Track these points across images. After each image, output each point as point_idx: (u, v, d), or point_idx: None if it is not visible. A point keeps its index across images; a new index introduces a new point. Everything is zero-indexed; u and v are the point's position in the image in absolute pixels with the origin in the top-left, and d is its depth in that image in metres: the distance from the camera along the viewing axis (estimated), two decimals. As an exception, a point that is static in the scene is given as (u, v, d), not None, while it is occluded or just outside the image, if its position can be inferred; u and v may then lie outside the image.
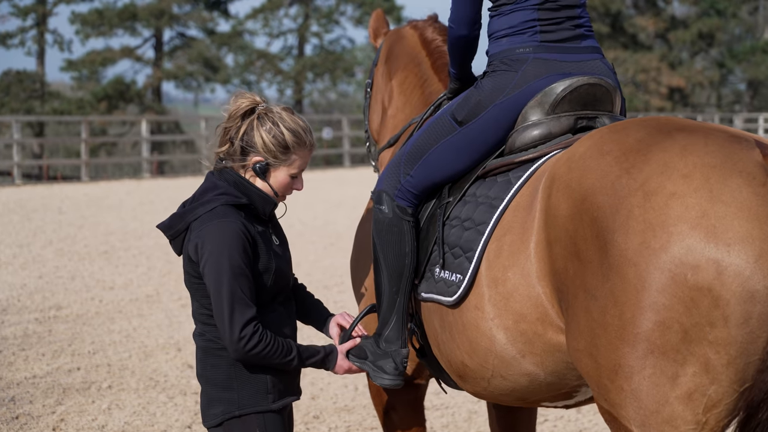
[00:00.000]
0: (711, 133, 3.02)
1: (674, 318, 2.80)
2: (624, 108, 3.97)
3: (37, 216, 18.79)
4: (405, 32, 5.09)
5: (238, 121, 3.70)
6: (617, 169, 3.02)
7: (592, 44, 3.89)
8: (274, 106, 3.76)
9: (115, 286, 11.90)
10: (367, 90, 5.24)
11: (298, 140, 3.72)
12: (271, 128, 3.67)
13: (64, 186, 26.90)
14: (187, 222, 3.65)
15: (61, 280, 12.16)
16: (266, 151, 3.68)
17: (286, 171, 3.74)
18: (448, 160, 3.94)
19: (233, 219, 3.59)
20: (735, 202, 2.80)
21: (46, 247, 14.80)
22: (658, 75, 52.24)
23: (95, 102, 45.06)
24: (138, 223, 17.84)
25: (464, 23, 3.96)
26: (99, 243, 15.36)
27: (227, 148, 3.72)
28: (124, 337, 9.37)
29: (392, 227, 4.00)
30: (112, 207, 20.80)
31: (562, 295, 3.18)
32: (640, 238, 2.86)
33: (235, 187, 3.67)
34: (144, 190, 25.47)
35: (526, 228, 3.42)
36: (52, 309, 10.52)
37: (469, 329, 3.60)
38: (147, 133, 32.15)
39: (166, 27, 47.96)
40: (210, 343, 3.68)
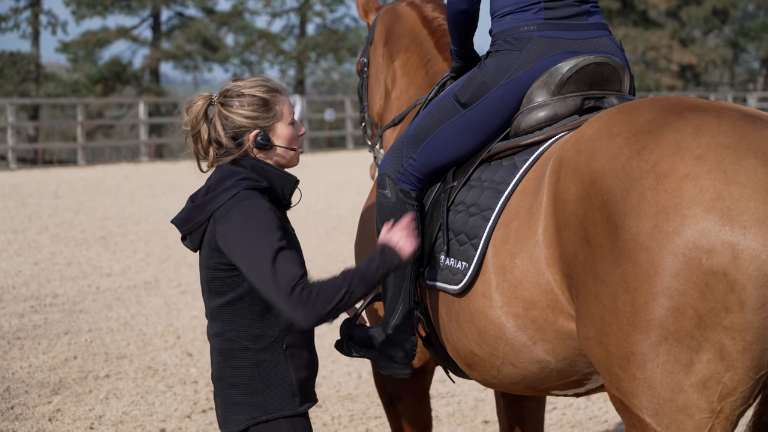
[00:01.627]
0: (724, 113, 3.01)
1: (688, 303, 2.78)
2: (633, 87, 3.94)
3: (32, 201, 18.80)
4: (402, 10, 5.05)
5: (203, 123, 3.65)
6: (628, 151, 3.00)
7: (599, 21, 3.86)
8: (226, 86, 3.71)
9: (113, 272, 11.90)
10: (363, 69, 5.20)
11: (269, 90, 3.67)
12: (240, 101, 3.63)
13: (60, 170, 26.92)
14: (209, 212, 3.54)
15: (57, 267, 12.16)
16: (254, 120, 3.63)
17: (282, 124, 3.68)
18: (452, 143, 3.92)
19: (260, 200, 3.52)
20: (750, 183, 2.78)
21: (41, 233, 14.80)
22: (669, 53, 52.09)
23: (91, 84, 45.01)
24: (136, 207, 17.84)
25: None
26: (96, 228, 15.35)
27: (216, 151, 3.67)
28: (121, 324, 9.38)
29: (396, 212, 3.98)
30: (109, 191, 20.80)
31: (572, 281, 3.17)
32: (652, 222, 2.84)
33: (253, 171, 3.63)
34: (142, 173, 25.48)
35: (533, 213, 3.40)
36: (48, 296, 10.53)
37: (477, 317, 3.59)
38: (145, 116, 32.13)
39: (163, 6, 47.86)
40: (231, 344, 3.57)
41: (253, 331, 3.54)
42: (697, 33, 58.01)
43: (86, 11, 46.62)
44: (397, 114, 4.80)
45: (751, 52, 58.79)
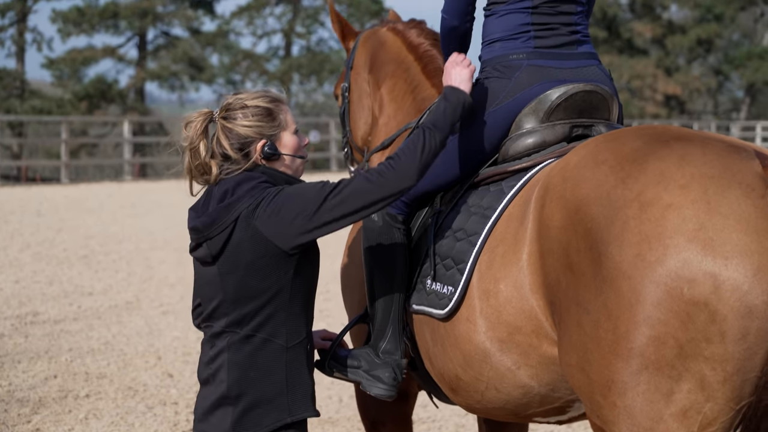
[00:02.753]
0: (709, 143, 3.03)
1: (669, 333, 2.80)
2: (621, 116, 3.97)
3: (14, 218, 18.73)
4: (385, 36, 5.06)
5: (202, 140, 3.66)
6: (612, 179, 3.02)
7: (589, 50, 3.89)
8: (223, 102, 3.73)
9: (94, 291, 11.86)
10: (345, 94, 5.21)
11: (272, 100, 3.71)
12: (244, 113, 3.65)
13: (44, 188, 26.84)
14: (237, 212, 3.52)
15: (39, 285, 12.11)
16: (259, 132, 3.66)
17: (287, 133, 3.72)
18: (440, 168, 3.93)
19: None
20: (733, 214, 2.80)
21: (23, 251, 14.75)
22: (654, 81, 52.34)
23: (76, 101, 44.93)
24: (119, 226, 17.79)
25: (456, 14, 3.94)
26: (78, 247, 15.31)
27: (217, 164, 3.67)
28: (102, 344, 9.34)
29: (382, 235, 4.00)
30: (92, 210, 20.74)
31: (555, 308, 3.18)
32: (635, 251, 2.86)
33: (267, 176, 3.64)
34: (125, 192, 25.42)
35: (518, 239, 3.41)
36: (29, 315, 10.48)
37: (462, 342, 3.60)
38: (129, 135, 32.10)
39: (149, 26, 47.88)
40: (262, 344, 3.54)
41: (289, 328, 3.56)
42: (681, 61, 58.30)
43: (72, 29, 46.60)
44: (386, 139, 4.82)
45: (735, 81, 59.11)
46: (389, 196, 3.51)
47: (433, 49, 4.90)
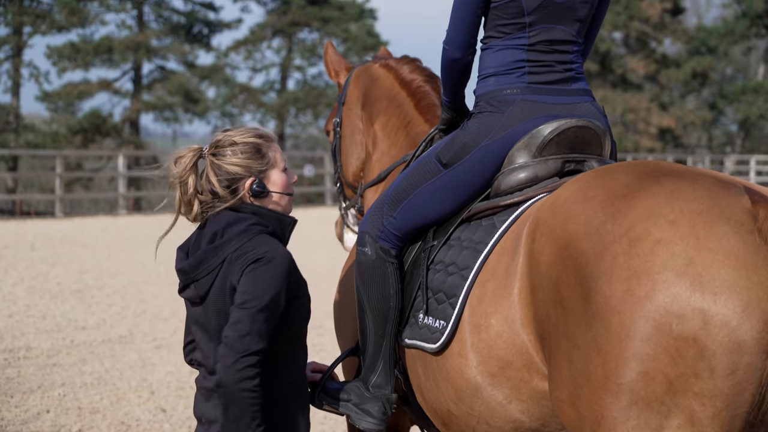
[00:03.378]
0: (699, 179, 3.04)
1: (659, 368, 2.80)
2: (615, 152, 3.98)
3: (8, 252, 18.70)
4: (377, 72, 5.09)
5: (191, 174, 3.67)
6: (602, 215, 3.03)
7: (583, 87, 3.91)
8: (213, 138, 3.75)
9: (88, 326, 11.83)
10: (336, 129, 5.23)
11: (261, 137, 3.73)
12: (233, 150, 3.67)
13: (38, 222, 26.81)
14: (223, 255, 3.55)
15: (32, 320, 12.08)
16: (248, 168, 3.67)
17: (276, 171, 3.73)
18: (433, 202, 3.95)
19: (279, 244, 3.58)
20: (722, 249, 2.81)
21: (17, 285, 14.71)
22: (648, 115, 52.52)
23: (71, 135, 44.97)
24: (113, 261, 17.77)
25: (458, 46, 3.95)
26: (72, 281, 15.28)
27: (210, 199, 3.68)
28: (95, 379, 9.31)
29: (375, 269, 4.01)
30: (86, 244, 20.72)
31: (546, 342, 3.19)
32: (624, 286, 2.87)
33: (256, 216, 3.64)
34: (120, 226, 25.40)
35: (510, 273, 3.42)
36: (22, 349, 10.45)
37: (453, 377, 3.60)
38: (124, 168, 32.11)
39: (144, 60, 48.02)
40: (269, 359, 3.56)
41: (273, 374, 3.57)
42: (675, 95, 58.52)
43: (68, 64, 46.70)
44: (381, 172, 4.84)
45: (729, 115, 59.29)
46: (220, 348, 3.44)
47: (425, 85, 4.93)
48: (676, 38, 56.51)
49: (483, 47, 3.97)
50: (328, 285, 14.88)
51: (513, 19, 3.82)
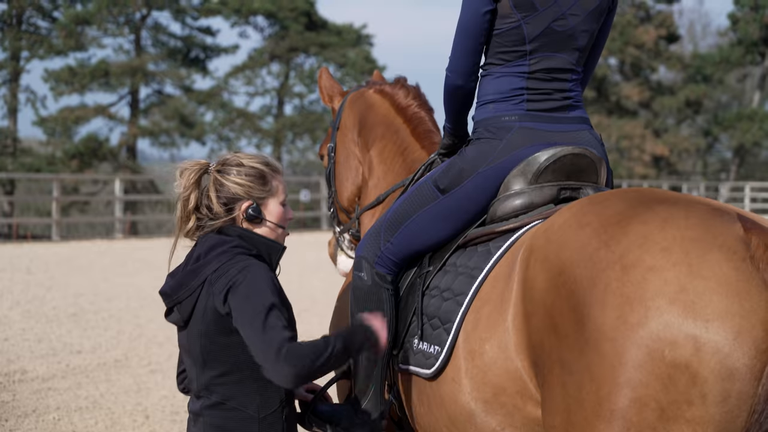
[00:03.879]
0: (692, 206, 3.05)
1: (651, 395, 2.80)
2: (611, 180, 3.99)
3: (4, 276, 18.67)
4: (373, 99, 5.11)
5: (194, 190, 3.69)
6: (596, 242, 3.05)
7: (581, 115, 3.92)
8: (222, 157, 3.76)
9: (83, 350, 11.81)
10: (331, 155, 5.24)
11: (269, 166, 3.74)
12: (239, 171, 3.69)
13: (34, 245, 26.77)
14: (203, 277, 3.55)
15: (28, 343, 12.05)
16: (248, 192, 3.68)
17: (275, 201, 3.74)
18: (429, 228, 3.96)
19: (257, 262, 3.56)
20: (714, 277, 2.82)
21: (13, 308, 14.69)
22: (642, 142, 52.60)
23: (67, 159, 44.98)
24: (109, 284, 17.75)
25: (461, 74, 3.96)
26: (68, 305, 15.26)
27: (200, 219, 3.70)
28: (90, 403, 9.29)
29: (371, 294, 4.01)
30: (82, 267, 20.69)
31: (539, 369, 3.19)
32: (617, 313, 2.87)
33: (242, 239, 3.65)
34: (116, 250, 25.37)
35: (504, 300, 3.43)
36: (17, 373, 10.42)
37: (447, 402, 3.60)
38: (120, 193, 32.10)
39: (141, 84, 48.09)
40: (234, 413, 3.55)
41: (260, 397, 3.55)
42: (670, 122, 58.64)
43: (65, 88, 46.75)
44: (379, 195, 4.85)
45: (724, 142, 59.40)
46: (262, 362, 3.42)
47: (421, 111, 4.95)
48: (670, 65, 56.69)
49: (483, 74, 3.98)
50: (323, 308, 14.86)
51: (514, 46, 3.84)
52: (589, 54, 4.04)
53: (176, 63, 49.40)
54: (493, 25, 3.86)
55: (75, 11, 46.73)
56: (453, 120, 4.18)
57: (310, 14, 50.94)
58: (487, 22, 3.85)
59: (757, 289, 2.81)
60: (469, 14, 3.87)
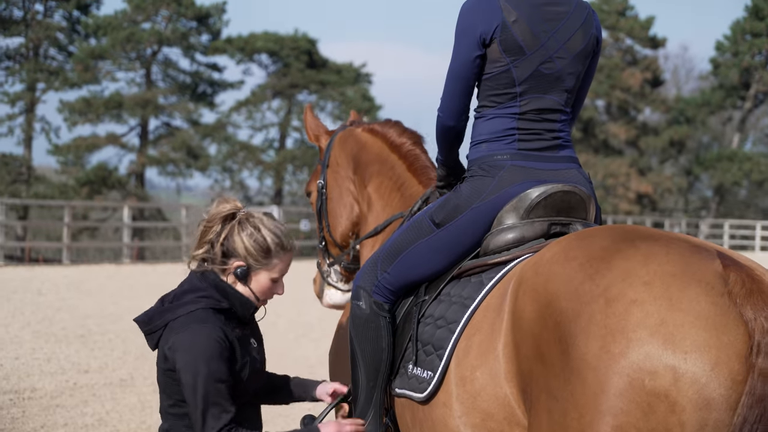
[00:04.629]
0: (673, 243, 3.07)
1: (631, 423, 2.80)
2: (599, 216, 4.00)
3: (16, 297, 18.63)
4: (364, 138, 5.14)
5: (218, 224, 3.70)
6: (581, 275, 3.06)
7: (570, 154, 3.94)
8: (255, 212, 3.78)
9: (90, 369, 11.79)
10: (322, 191, 5.26)
11: (280, 244, 3.73)
12: (252, 233, 3.69)
13: (45, 268, 26.72)
14: (165, 320, 3.62)
15: (37, 362, 12.03)
16: (247, 255, 3.69)
17: (267, 275, 3.74)
18: (425, 259, 3.97)
19: (212, 325, 3.56)
20: (693, 310, 2.83)
21: (23, 329, 14.66)
22: (627, 180, 52.71)
23: (79, 187, 45.03)
24: (116, 307, 17.71)
25: (451, 114, 3.98)
26: (76, 326, 15.23)
27: (206, 251, 3.73)
28: (96, 420, 9.27)
29: (369, 323, 4.02)
30: (91, 291, 20.65)
31: (527, 395, 3.20)
32: (600, 343, 2.88)
33: (216, 290, 3.66)
34: (123, 275, 25.33)
35: (495, 329, 3.44)
36: (27, 390, 10.40)
37: (438, 426, 3.61)
38: (128, 219, 32.09)
39: (151, 116, 48.22)
40: None
41: None
42: (654, 161, 58.79)
43: (78, 118, 46.86)
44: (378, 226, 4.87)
45: (705, 181, 59.54)
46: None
47: (416, 148, 4.97)
48: (655, 107, 56.93)
49: (477, 116, 3.99)
50: (319, 335, 14.87)
51: (505, 89, 3.87)
52: (576, 95, 4.07)
53: (184, 97, 49.58)
54: (483, 70, 3.89)
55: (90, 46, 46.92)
56: (445, 154, 4.20)
57: (311, 53, 51.16)
58: (477, 66, 3.88)
59: (734, 323, 2.83)
60: (460, 59, 3.89)
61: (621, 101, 54.91)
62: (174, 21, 48.64)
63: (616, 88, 54.01)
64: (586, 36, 3.89)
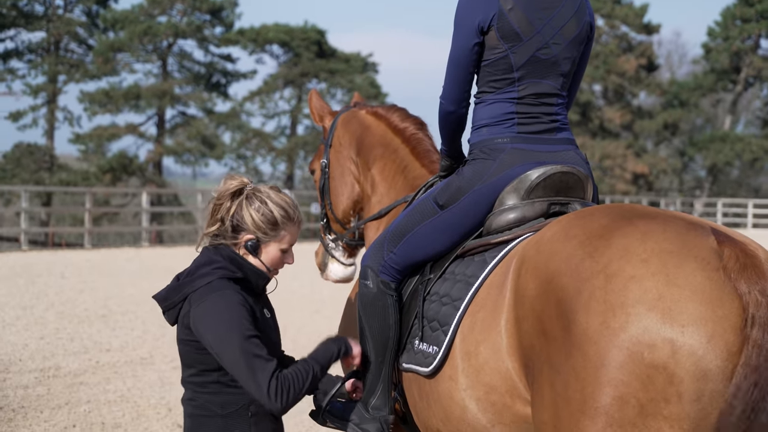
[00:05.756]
0: (669, 220, 3.06)
1: (631, 393, 2.80)
2: (596, 195, 3.99)
3: (41, 280, 18.68)
4: (368, 120, 5.12)
5: (227, 201, 3.70)
6: (581, 253, 3.05)
7: (567, 136, 3.93)
8: (261, 186, 3.77)
9: (112, 348, 11.81)
10: (325, 170, 5.25)
11: (286, 216, 3.72)
12: (259, 206, 3.68)
13: (68, 252, 26.79)
14: (184, 294, 3.59)
15: (61, 342, 12.05)
16: (256, 228, 3.68)
17: (277, 246, 3.74)
18: (430, 240, 3.96)
19: (231, 291, 3.55)
20: (689, 285, 2.82)
21: (48, 310, 14.69)
22: (624, 162, 52.64)
23: (100, 174, 45.11)
24: (135, 289, 17.75)
25: (453, 101, 3.96)
26: (98, 307, 15.26)
27: (218, 227, 3.72)
28: (118, 397, 9.29)
29: (377, 301, 4.02)
30: (111, 273, 20.70)
31: (529, 369, 3.19)
32: (600, 318, 2.88)
33: (230, 262, 3.65)
34: (143, 257, 25.38)
35: (498, 305, 3.43)
36: (52, 369, 10.42)
37: (443, 398, 3.60)
38: (147, 205, 32.13)
39: (168, 106, 48.25)
40: (199, 410, 3.61)
41: (221, 399, 3.59)
42: (649, 144, 58.69)
43: (98, 109, 46.91)
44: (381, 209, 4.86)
45: (698, 162, 59.45)
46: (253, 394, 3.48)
47: (419, 132, 4.96)
48: (650, 91, 56.81)
49: (477, 101, 3.98)
50: (331, 312, 14.87)
51: (503, 74, 3.85)
52: (572, 79, 4.05)
53: (199, 87, 49.58)
54: (482, 57, 3.87)
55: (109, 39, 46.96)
56: (448, 142, 4.18)
57: (321, 43, 51.09)
58: (476, 54, 3.86)
59: (728, 297, 2.82)
60: (459, 47, 3.88)
61: (617, 86, 54.78)
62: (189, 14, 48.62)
63: (612, 73, 53.86)
64: (579, 23, 3.88)
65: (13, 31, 47.09)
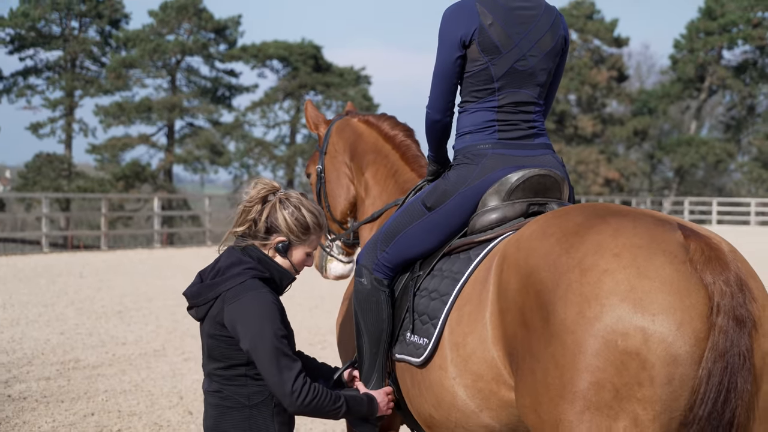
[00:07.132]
0: (639, 218, 3.06)
1: (607, 378, 2.80)
2: (572, 195, 4.00)
3: (60, 280, 18.63)
4: (360, 128, 5.11)
5: (258, 204, 3.67)
6: (558, 249, 3.05)
7: (545, 141, 3.93)
8: (291, 192, 3.75)
9: (127, 341, 11.77)
10: (321, 175, 5.24)
11: (317, 222, 3.72)
12: (293, 211, 3.66)
13: (86, 254, 26.72)
14: (218, 292, 3.55)
15: (80, 336, 12.02)
16: (289, 231, 3.66)
17: (303, 249, 3.73)
18: (419, 239, 3.96)
19: (266, 290, 3.54)
20: (659, 277, 2.82)
21: (67, 307, 14.66)
22: (597, 166, 52.68)
23: (114, 181, 45.05)
24: (149, 287, 17.72)
25: (438, 110, 3.96)
26: (114, 304, 15.22)
27: (248, 228, 3.68)
28: (133, 386, 9.26)
29: (371, 297, 4.01)
30: (126, 272, 20.65)
31: (513, 358, 3.19)
32: (577, 309, 2.87)
33: (258, 263, 3.63)
34: (155, 258, 25.33)
35: (482, 299, 3.43)
36: (72, 361, 10.39)
37: (434, 386, 3.60)
38: (158, 209, 32.06)
39: (177, 118, 48.20)
40: (226, 401, 3.57)
41: (248, 391, 3.55)
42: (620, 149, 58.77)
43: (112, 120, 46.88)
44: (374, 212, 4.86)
45: (666, 164, 59.56)
46: (275, 391, 3.47)
47: (407, 139, 4.95)
48: (620, 100, 56.89)
49: (460, 110, 3.98)
50: (330, 306, 14.85)
51: (484, 85, 3.84)
52: (548, 89, 4.05)
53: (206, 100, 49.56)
54: (464, 69, 3.87)
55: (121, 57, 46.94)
56: (434, 149, 4.17)
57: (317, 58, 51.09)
58: (459, 66, 3.86)
59: (695, 287, 2.82)
60: (443, 60, 3.88)
61: (590, 96, 54.86)
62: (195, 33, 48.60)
63: (585, 83, 53.94)
64: (555, 36, 3.88)
65: (32, 51, 47.07)
